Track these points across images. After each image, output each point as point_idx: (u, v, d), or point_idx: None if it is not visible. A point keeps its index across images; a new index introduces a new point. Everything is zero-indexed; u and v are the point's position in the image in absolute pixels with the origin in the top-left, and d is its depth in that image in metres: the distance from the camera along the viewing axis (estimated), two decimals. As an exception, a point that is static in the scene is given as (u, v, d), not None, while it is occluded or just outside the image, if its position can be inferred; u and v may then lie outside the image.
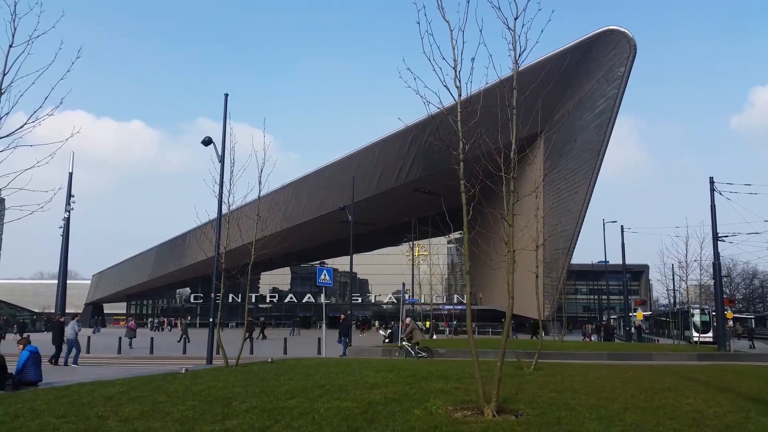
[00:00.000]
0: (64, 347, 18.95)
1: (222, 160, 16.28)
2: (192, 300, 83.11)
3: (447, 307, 56.27)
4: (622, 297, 54.43)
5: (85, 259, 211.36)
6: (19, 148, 8.40)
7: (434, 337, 39.12)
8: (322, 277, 19.33)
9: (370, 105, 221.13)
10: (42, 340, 19.24)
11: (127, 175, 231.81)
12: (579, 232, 35.84)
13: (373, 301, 75.68)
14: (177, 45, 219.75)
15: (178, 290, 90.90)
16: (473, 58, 7.67)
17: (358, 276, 71.24)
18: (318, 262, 71.00)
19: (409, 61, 7.94)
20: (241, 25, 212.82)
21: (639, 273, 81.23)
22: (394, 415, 7.15)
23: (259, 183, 13.85)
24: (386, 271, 67.88)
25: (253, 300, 69.83)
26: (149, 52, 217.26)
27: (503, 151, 8.30)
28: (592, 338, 41.97)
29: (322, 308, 20.60)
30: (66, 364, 18.41)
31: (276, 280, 75.36)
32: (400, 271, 57.25)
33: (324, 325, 21.02)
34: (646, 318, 59.89)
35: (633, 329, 44.11)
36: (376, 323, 57.96)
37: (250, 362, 16.05)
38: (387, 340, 28.88)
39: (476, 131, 8.52)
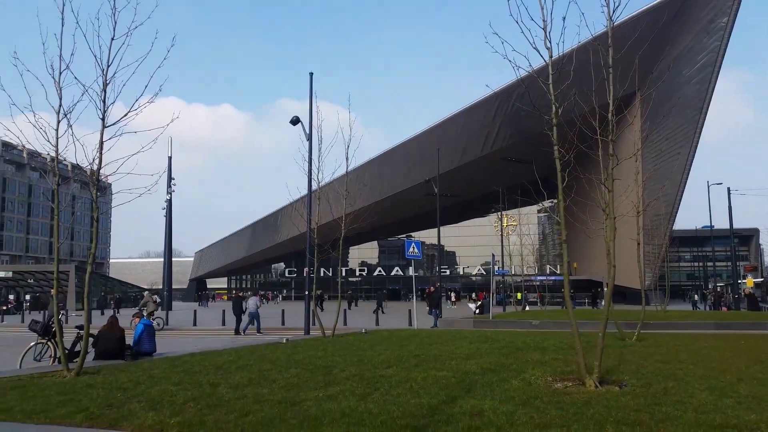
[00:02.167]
0: (244, 318, 21.65)
1: (309, 138, 16.63)
2: (287, 274, 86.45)
3: (539, 278, 55.06)
4: (729, 263, 51.05)
5: (188, 237, 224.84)
6: (115, 134, 8.95)
7: (526, 308, 38.47)
8: (411, 250, 19.44)
9: (452, 75, 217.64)
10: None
11: (220, 157, 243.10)
12: (681, 195, 33.85)
13: (461, 273, 75.48)
14: (254, 28, 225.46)
15: (273, 265, 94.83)
16: (564, 17, 7.32)
17: (445, 248, 71.15)
18: (405, 235, 71.58)
19: (496, 25, 7.70)
20: (317, 3, 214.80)
21: (748, 237, 75.74)
22: (491, 385, 7.12)
23: (346, 159, 14.06)
24: (474, 242, 67.43)
25: (344, 273, 71.77)
26: (231, 37, 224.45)
27: (598, 113, 7.90)
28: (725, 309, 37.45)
29: (412, 281, 20.74)
30: (244, 333, 20.70)
31: (365, 254, 76.84)
32: (488, 242, 56.63)
33: (414, 297, 21.26)
34: (757, 285, 55.87)
35: (743, 296, 40.98)
36: (473, 295, 57.66)
37: (344, 333, 16.52)
38: (477, 312, 28.77)
39: (569, 93, 8.16)
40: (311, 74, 17.54)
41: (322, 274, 68.54)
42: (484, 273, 69.44)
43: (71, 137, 8.23)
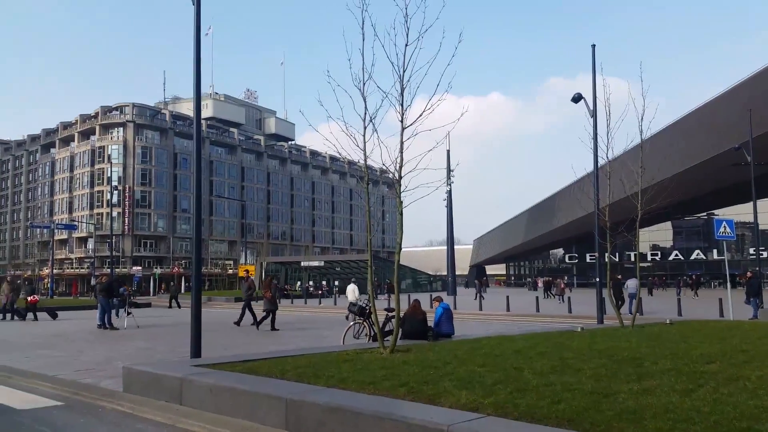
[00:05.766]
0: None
1: (594, 114, 15.71)
2: (567, 260, 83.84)
3: None
4: None
5: (466, 225, 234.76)
6: (412, 135, 9.47)
7: None
8: (722, 229, 16.97)
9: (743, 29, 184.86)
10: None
11: (491, 145, 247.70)
12: None
13: (783, 255, 63.34)
14: (520, 11, 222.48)
15: (551, 251, 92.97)
16: None
17: (760, 227, 60.51)
18: (705, 213, 63.20)
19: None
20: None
21: None
22: None
23: (640, 132, 12.83)
24: (799, 218, 55.95)
25: (632, 258, 66.48)
26: (497, 24, 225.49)
27: None
28: None
29: (724, 264, 18.15)
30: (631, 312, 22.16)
31: (656, 236, 69.89)
32: (820, 216, 46.54)
33: (728, 284, 18.55)
34: None
35: None
36: None
37: (644, 323, 15.27)
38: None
39: None
40: (593, 46, 16.41)
41: (606, 259, 64.64)
42: (816, 255, 57.27)
43: (376, 141, 9.06)
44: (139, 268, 79.39)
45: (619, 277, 24.73)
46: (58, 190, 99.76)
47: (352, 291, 24.42)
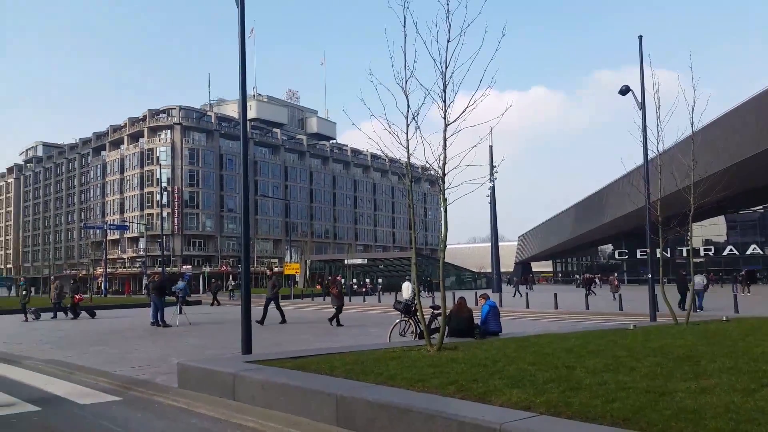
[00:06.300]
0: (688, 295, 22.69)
1: (642, 106, 15.26)
2: (616, 256, 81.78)
3: None
4: None
5: (509, 221, 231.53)
6: (456, 131, 9.35)
7: None
8: (782, 222, 16.31)
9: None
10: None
11: (535, 140, 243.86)
12: None
13: None
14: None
15: (599, 247, 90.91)
16: None
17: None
18: (761, 207, 60.67)
19: None
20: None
21: None
22: None
23: (692, 124, 12.40)
24: None
25: (684, 254, 64.37)
26: (543, 18, 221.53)
27: None
28: None
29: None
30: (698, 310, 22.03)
31: (709, 231, 67.49)
32: None
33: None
34: None
35: None
36: None
37: (699, 321, 14.77)
38: None
39: None
40: (640, 37, 15.97)
41: (657, 255, 62.71)
42: None
43: (419, 138, 9.01)
44: (189, 266, 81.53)
45: (684, 273, 24.21)
46: (110, 192, 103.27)
47: (407, 288, 24.87)
